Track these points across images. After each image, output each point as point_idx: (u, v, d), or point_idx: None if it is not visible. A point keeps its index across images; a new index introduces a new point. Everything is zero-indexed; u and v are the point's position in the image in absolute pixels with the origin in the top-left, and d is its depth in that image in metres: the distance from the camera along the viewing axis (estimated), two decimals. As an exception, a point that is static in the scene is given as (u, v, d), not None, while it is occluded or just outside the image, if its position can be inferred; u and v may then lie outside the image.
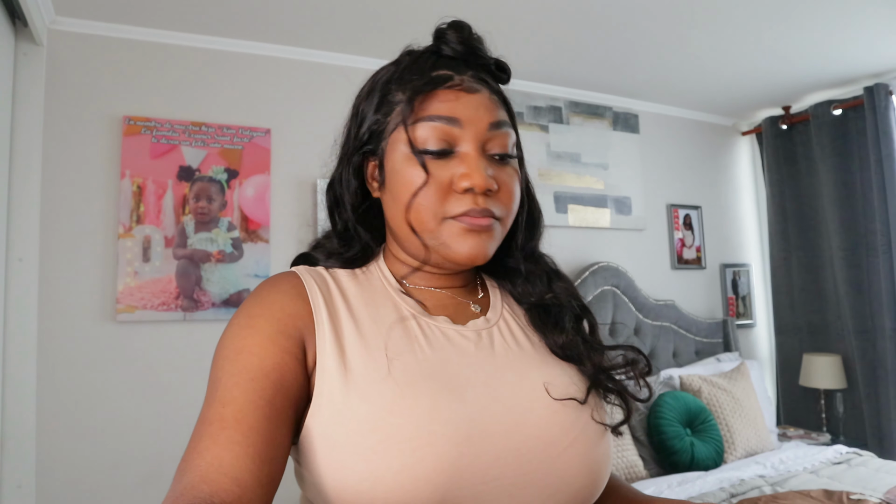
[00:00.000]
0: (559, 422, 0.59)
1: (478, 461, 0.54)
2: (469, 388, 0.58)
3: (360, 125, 0.68)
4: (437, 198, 0.61)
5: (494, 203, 0.63)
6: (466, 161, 0.61)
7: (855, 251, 2.97)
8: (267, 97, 2.35)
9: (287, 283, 0.63)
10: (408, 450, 0.52)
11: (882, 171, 2.83)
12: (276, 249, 2.29)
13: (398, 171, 0.63)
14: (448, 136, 0.62)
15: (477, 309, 0.70)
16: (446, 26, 0.67)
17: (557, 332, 0.67)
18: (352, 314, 0.62)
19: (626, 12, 2.19)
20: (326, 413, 0.55)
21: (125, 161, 2.08)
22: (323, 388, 0.56)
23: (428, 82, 0.63)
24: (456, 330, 0.65)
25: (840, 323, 3.09)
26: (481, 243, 0.62)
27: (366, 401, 0.55)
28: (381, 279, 0.69)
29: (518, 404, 0.59)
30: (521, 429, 0.57)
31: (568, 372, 0.65)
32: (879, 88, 2.84)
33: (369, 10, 2.11)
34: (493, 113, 0.64)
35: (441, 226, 0.62)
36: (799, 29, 2.37)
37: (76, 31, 2.07)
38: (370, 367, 0.57)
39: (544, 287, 0.71)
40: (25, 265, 1.86)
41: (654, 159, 3.26)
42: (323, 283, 0.65)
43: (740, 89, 3.09)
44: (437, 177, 0.61)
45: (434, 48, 0.67)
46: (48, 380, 1.92)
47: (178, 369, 2.09)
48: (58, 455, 1.91)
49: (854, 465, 2.42)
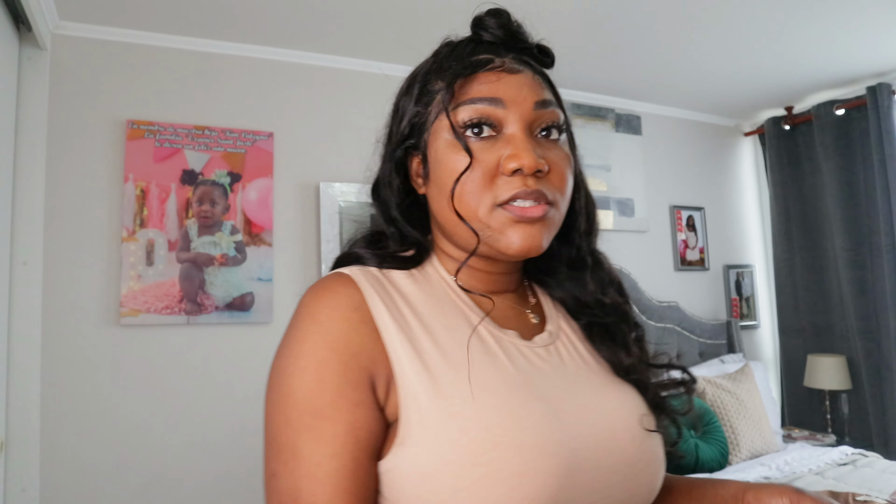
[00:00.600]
0: (638, 446, 0.59)
1: (574, 490, 0.53)
2: (564, 416, 0.55)
3: (401, 120, 0.65)
4: (484, 182, 0.58)
5: (546, 185, 0.58)
6: (513, 142, 0.58)
7: (859, 251, 2.96)
8: (270, 101, 2.36)
9: (346, 300, 0.56)
10: (516, 485, 0.49)
11: (885, 170, 2.82)
12: (279, 253, 2.29)
13: (441, 159, 0.60)
14: (492, 117, 0.59)
15: (536, 320, 0.67)
16: (484, 13, 0.64)
17: (623, 353, 0.65)
18: (424, 326, 0.58)
19: (627, 14, 2.19)
20: (420, 444, 0.51)
21: (128, 165, 2.09)
22: (411, 417, 0.52)
23: (467, 66, 0.60)
24: (528, 346, 0.61)
25: (844, 323, 3.08)
26: (535, 234, 0.58)
27: (467, 432, 0.51)
28: (439, 280, 0.64)
29: (605, 429, 0.58)
30: (610, 455, 0.57)
31: (634, 395, 0.63)
32: (882, 88, 2.83)
33: (371, 14, 2.12)
34: (538, 92, 0.61)
35: (491, 214, 0.58)
36: (801, 29, 2.37)
37: (80, 35, 2.08)
38: (464, 391, 0.53)
39: (599, 298, 0.67)
40: (29, 269, 1.86)
41: (656, 161, 3.26)
42: (383, 291, 0.59)
43: (742, 90, 3.08)
44: (483, 160, 0.58)
45: (473, 36, 0.64)
46: (52, 383, 1.92)
47: (181, 373, 2.09)
48: (61, 459, 1.91)
49: (860, 467, 2.41)
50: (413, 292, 0.61)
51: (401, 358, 0.54)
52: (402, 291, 0.60)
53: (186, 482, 2.06)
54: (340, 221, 2.39)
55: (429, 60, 0.65)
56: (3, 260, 1.77)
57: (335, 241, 2.37)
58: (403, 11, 2.10)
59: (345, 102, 2.49)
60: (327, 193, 2.37)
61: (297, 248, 2.34)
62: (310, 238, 2.37)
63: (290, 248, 2.32)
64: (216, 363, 2.15)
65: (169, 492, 2.03)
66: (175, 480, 2.04)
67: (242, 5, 2.02)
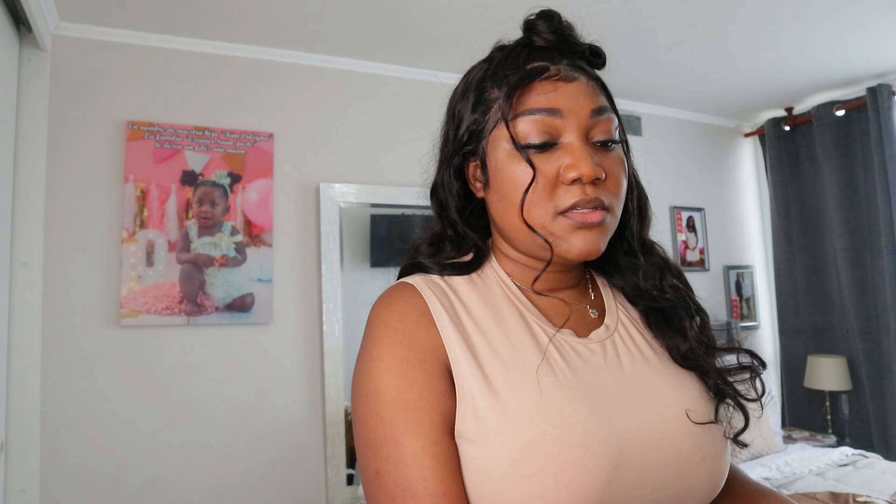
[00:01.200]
0: (692, 439, 0.59)
1: (623, 485, 0.54)
2: (612, 412, 0.57)
3: (458, 126, 0.67)
4: (546, 192, 0.60)
5: (603, 192, 0.61)
6: (571, 151, 0.60)
7: (859, 252, 2.96)
8: (270, 101, 2.36)
9: (413, 307, 0.61)
10: (563, 481, 0.52)
11: (886, 171, 2.82)
12: (279, 253, 2.29)
13: (502, 169, 0.62)
14: (550, 128, 0.60)
15: (595, 314, 0.69)
16: (535, 16, 0.65)
17: (680, 339, 0.65)
18: (480, 329, 0.61)
19: (627, 14, 2.19)
20: (473, 440, 0.55)
21: (129, 166, 2.09)
22: (467, 413, 0.56)
23: (524, 76, 0.61)
24: (583, 344, 0.63)
25: (845, 324, 3.08)
26: (594, 238, 0.60)
27: (518, 428, 0.54)
28: (498, 283, 0.67)
29: (656, 424, 0.58)
30: (660, 449, 0.57)
31: (693, 384, 0.63)
32: (882, 89, 2.84)
33: (371, 15, 2.12)
34: (594, 99, 0.62)
35: (553, 222, 0.60)
36: (801, 30, 2.37)
37: (80, 36, 2.08)
38: (515, 389, 0.56)
39: (657, 283, 0.69)
40: (29, 270, 1.86)
41: (656, 161, 3.26)
42: (444, 298, 0.63)
43: (743, 91, 3.08)
44: (544, 171, 0.60)
45: (525, 40, 0.65)
46: (52, 384, 1.92)
47: (181, 374, 2.09)
48: (62, 459, 1.91)
49: (860, 467, 2.41)
50: (472, 298, 0.64)
51: (458, 359, 0.58)
52: (461, 297, 0.64)
53: (186, 483, 2.06)
54: (340, 222, 2.39)
55: (482, 66, 0.67)
56: (4, 261, 1.77)
57: (335, 242, 2.37)
58: (404, 12, 2.10)
59: (345, 103, 2.49)
60: (327, 194, 2.37)
61: (297, 249, 2.34)
62: (310, 239, 2.37)
63: (290, 249, 2.32)
64: (216, 364, 2.15)
65: (169, 493, 2.03)
66: (175, 481, 2.04)
67: (242, 6, 2.02)
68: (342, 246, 2.39)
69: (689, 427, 0.59)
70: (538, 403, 0.55)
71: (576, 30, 0.67)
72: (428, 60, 2.51)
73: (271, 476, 2.18)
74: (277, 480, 2.19)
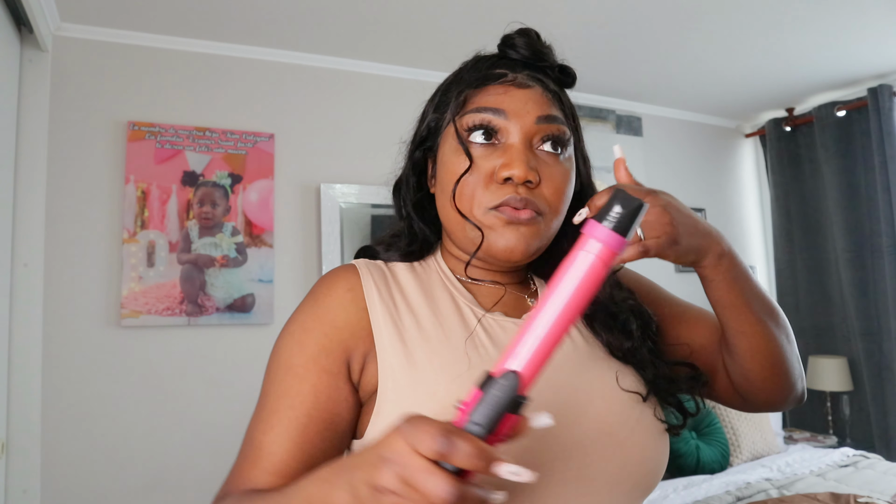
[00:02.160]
0: (617, 413, 0.60)
1: (544, 453, 0.56)
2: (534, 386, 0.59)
3: (421, 124, 0.71)
4: (481, 187, 0.62)
5: (537, 196, 0.62)
6: (509, 152, 0.62)
7: (860, 253, 2.96)
8: (270, 102, 2.36)
9: (344, 285, 0.64)
10: None
11: (886, 172, 2.82)
12: (280, 254, 2.29)
13: (445, 162, 0.66)
14: (492, 125, 0.63)
15: (532, 303, 0.70)
16: (515, 32, 0.68)
17: (623, 337, 0.66)
18: (411, 308, 0.64)
19: (628, 15, 2.19)
20: (393, 412, 0.57)
21: (129, 166, 2.09)
22: (387, 391, 0.58)
23: (480, 78, 0.65)
24: (513, 322, 0.65)
25: (845, 325, 3.08)
26: (520, 237, 0.62)
27: (432, 397, 0.56)
28: (437, 272, 0.70)
29: (578, 398, 0.60)
30: (583, 421, 0.59)
31: (627, 371, 0.65)
32: (883, 89, 2.83)
33: (372, 16, 2.12)
34: (543, 107, 0.64)
35: (485, 216, 0.62)
36: (802, 30, 2.37)
37: (81, 37, 2.08)
38: (434, 361, 0.59)
39: (605, 292, 0.69)
40: (30, 271, 1.86)
41: (657, 162, 3.26)
42: (381, 278, 0.65)
43: (743, 91, 3.08)
44: (481, 166, 0.63)
45: (500, 53, 0.68)
46: (53, 385, 1.92)
47: (182, 374, 2.09)
48: (63, 460, 1.91)
49: (861, 468, 2.41)
50: (409, 281, 0.67)
51: (382, 335, 0.60)
52: (398, 280, 0.67)
53: (187, 483, 2.05)
54: (341, 222, 2.39)
55: (457, 71, 0.70)
56: (5, 261, 1.77)
57: (336, 242, 2.37)
58: (404, 13, 2.10)
59: (345, 104, 2.49)
60: (328, 195, 2.37)
61: (297, 250, 2.34)
62: (310, 239, 2.37)
63: (290, 250, 2.33)
64: (217, 364, 2.15)
65: (170, 493, 2.03)
66: (176, 482, 2.04)
67: (243, 7, 2.02)
68: (343, 246, 2.39)
69: (613, 402, 0.61)
70: (454, 375, 0.57)
71: (553, 51, 0.69)
72: (429, 61, 2.51)
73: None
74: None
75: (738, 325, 0.65)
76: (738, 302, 0.64)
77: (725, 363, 0.70)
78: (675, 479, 2.34)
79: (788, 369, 0.68)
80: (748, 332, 0.65)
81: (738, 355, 0.67)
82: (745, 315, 0.65)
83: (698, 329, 0.74)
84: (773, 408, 0.73)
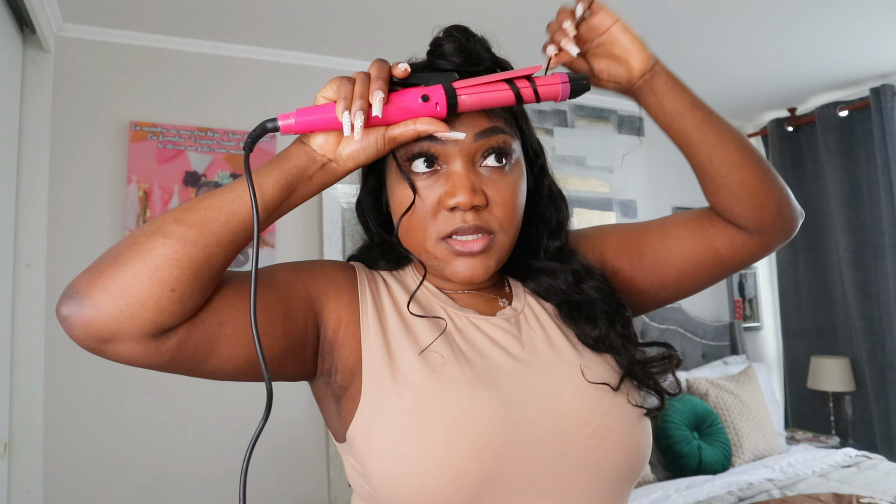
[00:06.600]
0: (588, 400, 0.60)
1: (517, 441, 0.57)
2: (501, 375, 0.60)
3: None
4: (429, 217, 0.62)
5: (487, 217, 0.62)
6: (452, 178, 0.61)
7: (862, 253, 2.95)
8: (272, 102, 2.36)
9: (346, 267, 0.68)
10: (453, 427, 0.55)
11: (889, 172, 2.81)
12: (281, 254, 2.29)
13: (392, 192, 0.65)
14: (431, 151, 0.61)
15: (504, 304, 0.70)
16: (441, 35, 0.66)
17: (590, 327, 0.66)
18: (396, 307, 0.65)
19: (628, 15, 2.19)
20: (374, 403, 0.59)
21: (132, 166, 2.09)
22: (370, 382, 0.60)
23: None
24: (485, 319, 0.66)
25: (848, 325, 3.07)
26: (475, 265, 0.62)
27: (411, 388, 0.58)
28: (413, 278, 0.71)
29: (549, 387, 0.60)
30: (554, 409, 0.59)
31: (601, 361, 0.65)
32: (886, 90, 2.83)
33: (373, 15, 2.12)
34: (479, 122, 0.61)
35: (436, 246, 0.62)
36: (804, 30, 2.37)
37: (83, 37, 2.09)
38: (412, 357, 0.60)
39: (571, 284, 0.69)
40: (33, 271, 1.87)
41: (659, 162, 3.25)
42: (371, 278, 0.68)
43: (746, 91, 3.08)
44: (427, 197, 0.62)
45: (429, 63, 0.65)
46: (55, 385, 1.92)
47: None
48: (65, 460, 1.92)
49: (863, 469, 2.41)
50: (394, 283, 0.69)
51: (370, 332, 0.62)
52: (387, 282, 0.69)
53: (190, 483, 2.06)
54: (343, 222, 2.39)
55: None
56: (7, 262, 1.78)
57: (337, 242, 2.37)
58: (405, 13, 2.10)
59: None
60: (329, 195, 2.38)
61: (299, 250, 2.34)
62: (312, 239, 2.37)
63: (292, 250, 2.33)
64: (219, 364, 2.15)
65: (173, 492, 2.03)
66: (179, 481, 2.05)
67: (245, 7, 2.03)
68: (344, 246, 2.39)
69: (582, 391, 0.61)
70: (428, 367, 0.59)
71: (486, 43, 0.67)
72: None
73: (274, 476, 2.19)
74: (280, 481, 2.19)
75: (705, 137, 0.66)
76: (695, 104, 0.68)
77: (714, 204, 0.70)
78: (676, 479, 2.34)
79: (773, 174, 0.71)
80: (716, 142, 0.66)
81: (720, 174, 0.67)
82: (709, 123, 0.66)
83: (615, 237, 0.77)
84: (783, 228, 0.75)
